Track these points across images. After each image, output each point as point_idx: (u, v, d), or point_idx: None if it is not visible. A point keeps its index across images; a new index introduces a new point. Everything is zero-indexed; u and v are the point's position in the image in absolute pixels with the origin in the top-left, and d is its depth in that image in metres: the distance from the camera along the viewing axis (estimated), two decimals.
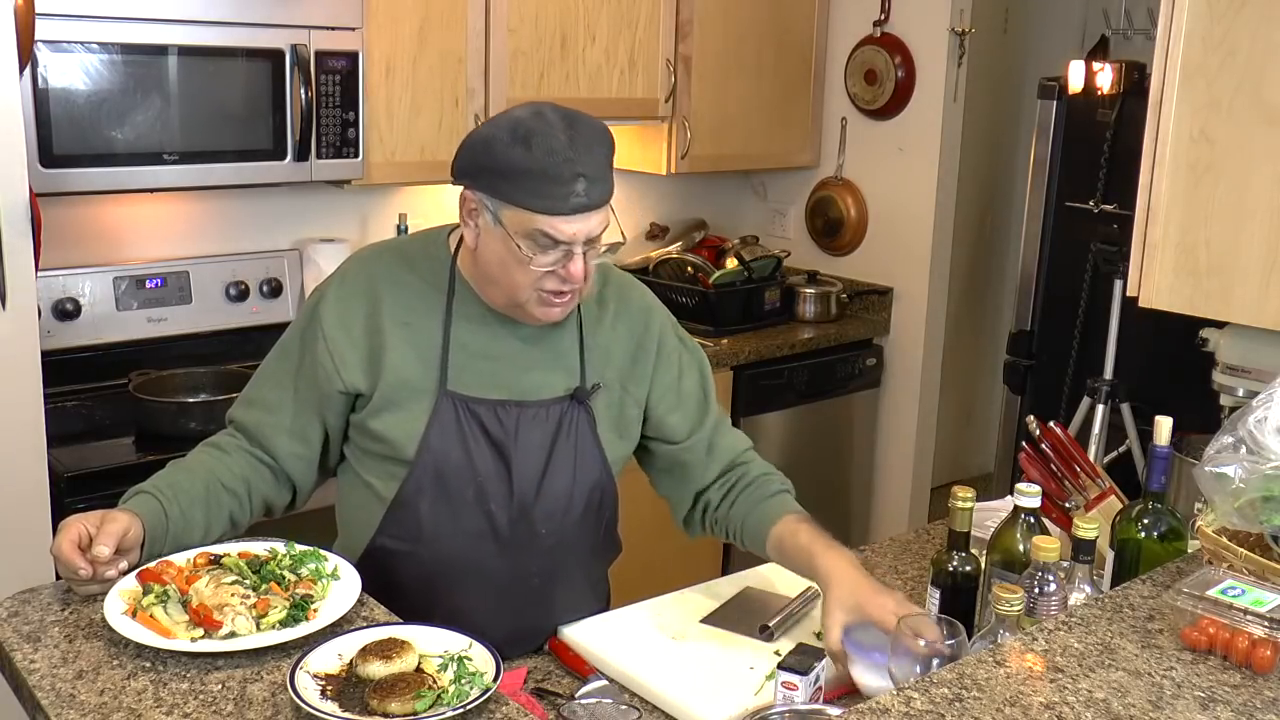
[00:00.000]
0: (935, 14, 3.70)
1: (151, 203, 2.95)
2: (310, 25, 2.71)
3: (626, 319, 1.83)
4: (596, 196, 1.59)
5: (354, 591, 1.53)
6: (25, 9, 2.14)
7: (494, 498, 1.73)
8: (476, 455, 1.72)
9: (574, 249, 1.60)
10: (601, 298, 1.82)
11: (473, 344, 1.73)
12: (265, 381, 1.80)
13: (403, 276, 1.75)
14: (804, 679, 1.43)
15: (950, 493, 1.63)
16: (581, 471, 1.77)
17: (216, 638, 1.42)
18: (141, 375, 2.76)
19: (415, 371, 1.71)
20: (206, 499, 1.68)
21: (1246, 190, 2.02)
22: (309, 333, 1.75)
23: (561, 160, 1.56)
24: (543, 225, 1.58)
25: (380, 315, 1.72)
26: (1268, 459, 1.51)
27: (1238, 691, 1.31)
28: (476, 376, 1.73)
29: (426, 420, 1.70)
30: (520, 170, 1.56)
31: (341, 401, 1.74)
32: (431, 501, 1.72)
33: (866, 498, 4.06)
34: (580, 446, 1.77)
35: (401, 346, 1.71)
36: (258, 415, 1.77)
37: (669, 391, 1.84)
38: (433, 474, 1.71)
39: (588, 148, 1.58)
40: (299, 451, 1.76)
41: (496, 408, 1.73)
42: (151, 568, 1.55)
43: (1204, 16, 2.03)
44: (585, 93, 3.34)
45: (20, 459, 2.16)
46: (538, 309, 1.67)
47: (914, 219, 3.84)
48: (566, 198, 1.56)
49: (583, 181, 1.57)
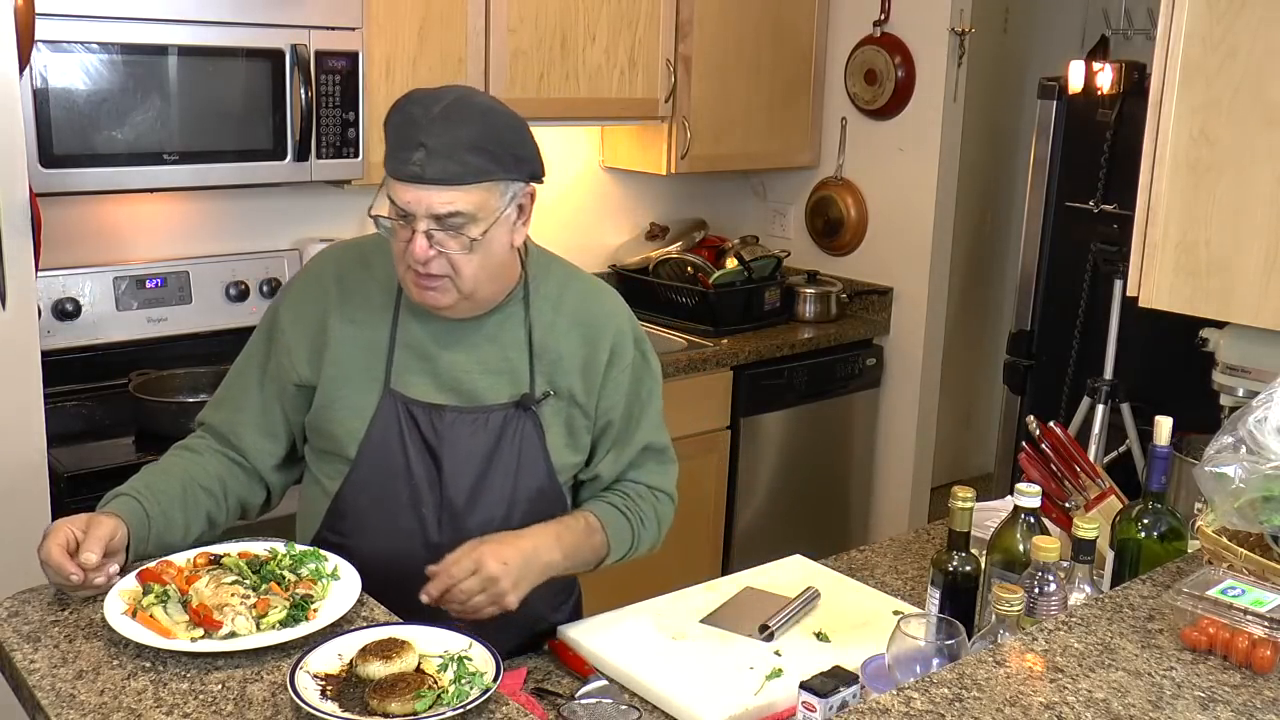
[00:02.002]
0: (935, 14, 3.70)
1: (151, 203, 2.95)
2: (310, 25, 2.71)
3: (582, 323, 1.80)
4: (435, 171, 1.56)
5: (354, 591, 1.53)
6: (25, 9, 2.14)
7: (425, 501, 1.74)
8: (413, 457, 1.73)
9: (416, 226, 1.59)
10: (559, 300, 1.80)
11: (419, 344, 1.74)
12: (232, 383, 1.82)
13: (357, 275, 1.78)
14: (823, 702, 1.39)
15: (950, 493, 1.63)
16: (524, 480, 1.76)
17: (216, 638, 1.42)
18: (141, 375, 2.76)
19: (359, 369, 1.73)
20: (184, 498, 1.68)
21: (1246, 190, 2.02)
22: (271, 330, 1.79)
23: (411, 126, 1.58)
24: (389, 188, 1.61)
25: (330, 313, 1.75)
26: (1268, 459, 1.51)
27: (1238, 691, 1.31)
28: (420, 377, 1.74)
29: (370, 419, 1.72)
30: (387, 132, 1.63)
31: (299, 395, 1.76)
32: (370, 500, 1.74)
33: (866, 498, 4.06)
34: (524, 455, 1.75)
35: (347, 344, 1.74)
36: (226, 415, 1.79)
37: (611, 415, 1.81)
38: (371, 473, 1.73)
39: (445, 123, 1.58)
40: (269, 448, 1.78)
41: (432, 412, 1.73)
42: (151, 568, 1.55)
43: (1204, 16, 2.03)
44: (585, 93, 3.34)
45: (20, 459, 2.16)
46: (415, 292, 1.67)
47: (914, 219, 3.84)
48: (405, 162, 1.58)
49: (422, 151, 1.56)
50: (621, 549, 1.82)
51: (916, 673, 1.39)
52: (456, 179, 1.58)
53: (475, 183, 1.59)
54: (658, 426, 1.88)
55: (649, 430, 1.86)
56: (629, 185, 3.96)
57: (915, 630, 1.44)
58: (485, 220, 1.62)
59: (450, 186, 1.58)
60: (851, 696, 1.41)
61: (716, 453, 3.53)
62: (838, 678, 1.43)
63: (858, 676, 1.44)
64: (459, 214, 1.59)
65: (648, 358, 1.86)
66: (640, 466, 1.87)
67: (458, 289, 1.65)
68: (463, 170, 1.58)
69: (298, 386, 1.76)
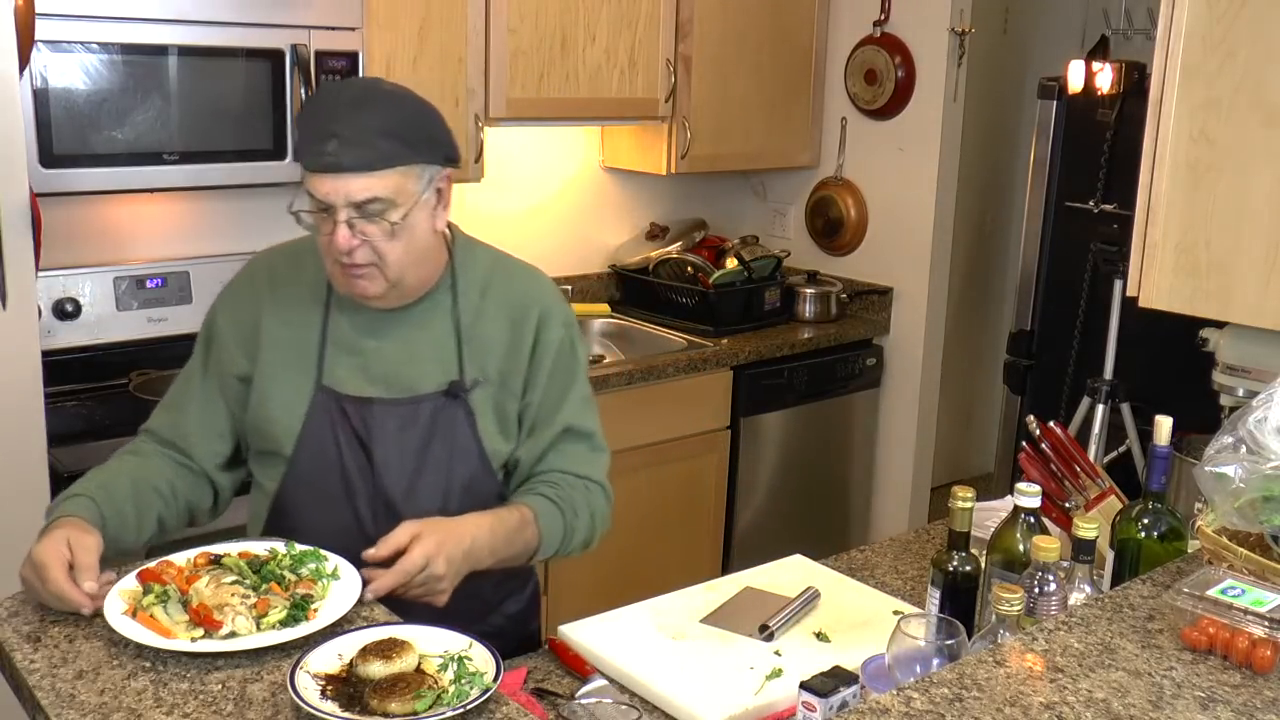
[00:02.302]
0: (935, 14, 3.70)
1: (151, 203, 2.95)
2: (310, 25, 2.71)
3: (507, 308, 1.80)
4: (349, 159, 1.58)
5: (354, 591, 1.53)
6: (25, 9, 2.14)
7: (360, 494, 1.75)
8: (347, 452, 1.74)
9: (336, 216, 1.61)
10: (485, 286, 1.80)
11: (349, 339, 1.76)
12: (175, 389, 1.84)
13: (289, 274, 1.80)
14: (823, 702, 1.39)
15: (950, 493, 1.63)
16: (458, 469, 1.76)
17: (217, 638, 1.42)
18: (141, 375, 2.76)
19: (292, 366, 1.75)
20: (135, 498, 1.68)
21: (1246, 190, 2.02)
22: (209, 333, 1.82)
23: (321, 117, 1.60)
24: (306, 182, 1.62)
25: (262, 313, 1.77)
26: (1268, 459, 1.51)
27: (1238, 691, 1.31)
28: (350, 371, 1.75)
29: (303, 416, 1.74)
30: (298, 125, 1.65)
31: (241, 389, 1.78)
32: (307, 497, 1.75)
33: (866, 498, 4.06)
34: (457, 444, 1.76)
35: (279, 340, 1.76)
36: (170, 418, 1.80)
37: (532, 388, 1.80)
38: (307, 470, 1.75)
39: (355, 111, 1.60)
40: (215, 448, 1.79)
41: (363, 406, 1.74)
42: (151, 567, 1.55)
43: (1204, 16, 2.03)
44: (585, 92, 3.34)
45: (20, 459, 2.16)
46: (343, 283, 1.68)
47: (914, 219, 3.84)
48: (319, 155, 1.58)
49: (335, 141, 1.57)
50: (554, 542, 1.79)
51: (916, 673, 1.39)
52: (370, 165, 1.59)
53: (389, 167, 1.61)
54: (582, 411, 1.85)
55: (571, 413, 1.83)
56: (629, 185, 3.96)
57: (915, 630, 1.44)
58: (404, 205, 1.63)
59: (365, 173, 1.59)
60: (851, 696, 1.41)
61: (716, 453, 3.53)
62: (838, 678, 1.43)
63: (858, 676, 1.44)
64: (377, 199, 1.61)
65: (574, 341, 1.85)
66: (565, 452, 1.83)
67: (384, 276, 1.67)
68: (376, 156, 1.60)
69: (239, 380, 1.78)
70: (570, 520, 1.79)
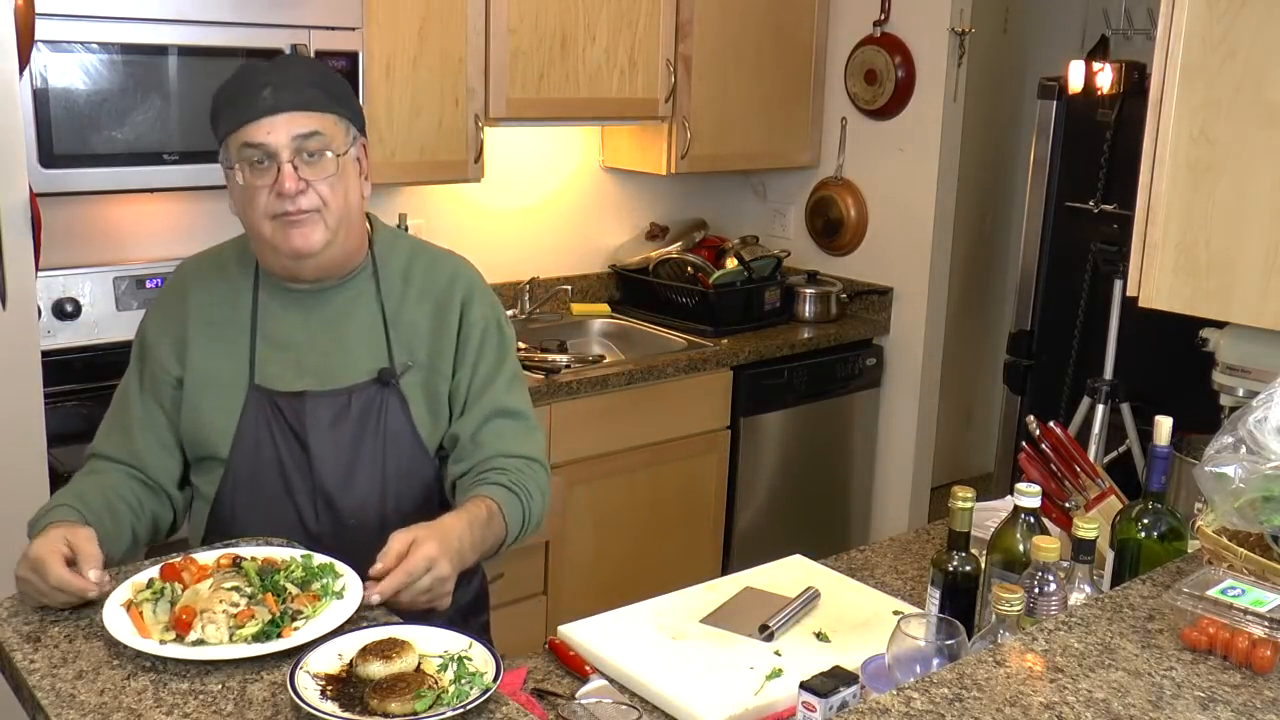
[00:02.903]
0: (935, 14, 3.70)
1: (151, 203, 2.95)
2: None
3: (431, 293, 1.82)
4: (286, 100, 1.65)
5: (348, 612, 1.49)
6: (25, 9, 2.14)
7: (299, 490, 1.75)
8: (283, 448, 1.75)
9: (280, 158, 1.64)
10: (407, 273, 1.83)
11: (277, 334, 1.77)
12: (115, 410, 1.83)
13: (212, 278, 1.82)
14: (823, 702, 1.39)
15: (950, 493, 1.63)
16: (393, 458, 1.77)
17: (185, 643, 1.41)
18: None
19: (223, 368, 1.76)
20: (109, 508, 1.68)
21: (1246, 190, 2.02)
22: (140, 348, 1.82)
23: (248, 77, 1.69)
24: (243, 136, 1.65)
25: (188, 319, 1.78)
26: (1268, 459, 1.51)
27: (1238, 691, 1.31)
28: (282, 367, 1.76)
29: (238, 418, 1.74)
30: (221, 101, 1.70)
31: (175, 398, 1.78)
32: (245, 498, 1.76)
33: (866, 498, 4.06)
34: (390, 431, 1.77)
35: (208, 345, 1.77)
36: (118, 439, 1.79)
37: (461, 364, 1.81)
38: (245, 471, 1.75)
39: (283, 67, 1.71)
40: (168, 463, 1.79)
41: (295, 400, 1.75)
42: (175, 563, 1.55)
43: (1204, 16, 2.03)
44: (585, 92, 3.34)
45: (20, 459, 2.16)
46: (283, 238, 1.69)
47: (914, 219, 3.84)
48: (254, 103, 1.65)
49: (270, 89, 1.65)
50: (515, 529, 1.77)
51: (916, 673, 1.39)
52: (307, 105, 1.67)
53: (322, 111, 1.68)
54: (511, 391, 1.85)
55: (502, 392, 1.83)
56: (629, 185, 3.96)
57: (915, 630, 1.44)
58: (339, 149, 1.69)
59: (303, 111, 1.66)
60: (851, 696, 1.41)
61: (716, 453, 3.53)
62: (838, 678, 1.43)
63: (858, 676, 1.44)
64: (317, 133, 1.67)
65: (500, 322, 1.86)
66: (502, 433, 1.81)
67: (325, 223, 1.69)
68: (310, 98, 1.68)
69: (174, 387, 1.78)
70: (527, 503, 1.78)
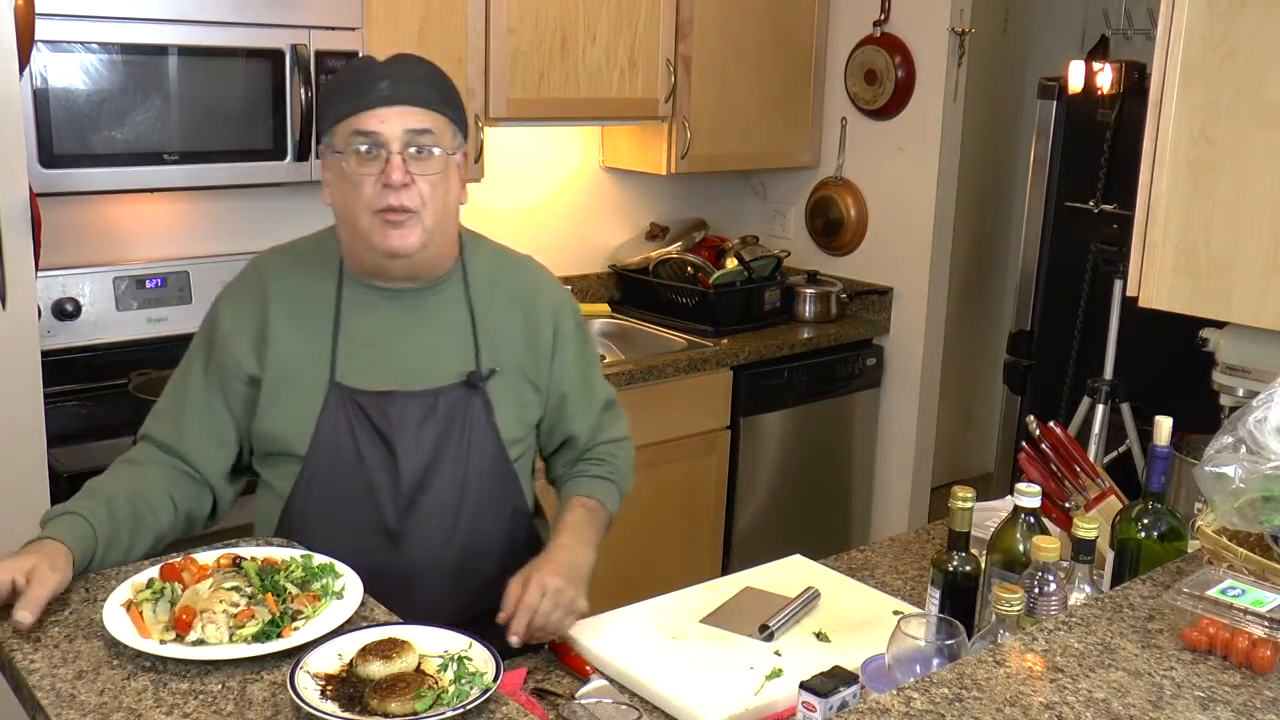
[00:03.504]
0: (935, 14, 3.70)
1: (151, 203, 2.95)
2: (310, 25, 2.71)
3: (520, 299, 1.85)
4: (403, 92, 1.67)
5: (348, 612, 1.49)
6: (25, 9, 2.14)
7: (382, 490, 1.75)
8: (365, 447, 1.74)
9: (391, 149, 1.65)
10: (493, 277, 1.84)
11: (362, 333, 1.76)
12: (173, 393, 1.81)
13: (293, 273, 1.80)
14: (823, 702, 1.39)
15: (950, 493, 1.63)
16: (475, 459, 1.78)
17: (185, 643, 1.41)
18: (141, 375, 2.76)
19: (304, 365, 1.75)
20: (133, 519, 1.65)
21: (1246, 190, 2.02)
22: (210, 333, 1.80)
23: (366, 68, 1.73)
24: (356, 124, 1.66)
25: (269, 311, 1.76)
26: (1268, 459, 1.51)
27: (1238, 691, 1.31)
28: (365, 366, 1.75)
29: (317, 415, 1.73)
30: (333, 89, 1.73)
31: (248, 393, 1.77)
32: (324, 496, 1.75)
33: (866, 498, 4.06)
34: (474, 433, 1.77)
35: (289, 340, 1.75)
36: (170, 424, 1.78)
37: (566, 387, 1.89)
38: (324, 468, 1.74)
39: (400, 64, 1.74)
40: (217, 455, 1.78)
41: (381, 399, 1.74)
42: (175, 563, 1.55)
43: (1204, 16, 2.03)
44: (585, 92, 3.34)
45: (20, 459, 2.15)
46: (380, 236, 1.69)
47: (914, 219, 3.84)
48: (370, 93, 1.67)
49: (387, 81, 1.68)
50: (615, 508, 1.94)
51: (916, 673, 1.39)
52: (423, 101, 1.69)
53: (435, 110, 1.71)
54: (604, 382, 2.00)
55: (601, 387, 1.97)
56: (629, 185, 3.96)
57: (915, 630, 1.44)
58: (445, 149, 1.71)
59: (418, 107, 1.68)
60: (851, 696, 1.41)
61: (716, 453, 3.53)
62: (838, 678, 1.43)
63: (858, 676, 1.44)
64: (429, 131, 1.68)
65: (581, 324, 1.95)
66: (603, 425, 1.97)
67: (423, 225, 1.70)
68: (425, 95, 1.70)
69: (246, 383, 1.76)
70: (620, 483, 1.96)
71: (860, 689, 1.42)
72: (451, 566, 1.79)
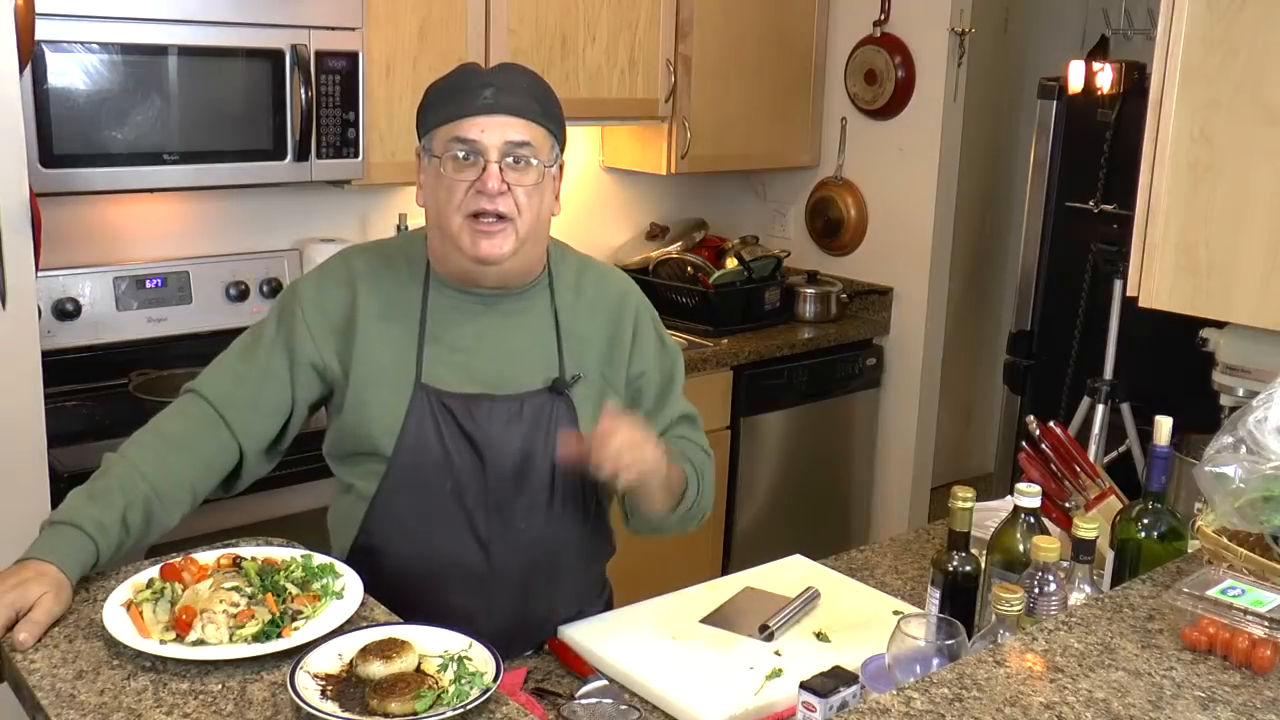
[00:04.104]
0: (935, 14, 3.70)
1: (151, 203, 2.95)
2: (310, 25, 2.71)
3: (603, 306, 1.85)
4: (505, 102, 1.66)
5: (347, 614, 1.50)
6: (25, 9, 2.14)
7: (470, 493, 1.74)
8: (453, 450, 1.73)
9: (488, 157, 1.65)
10: (579, 286, 1.84)
11: (448, 337, 1.75)
12: (237, 355, 1.78)
13: (380, 273, 1.78)
14: (823, 702, 1.39)
15: (950, 493, 1.63)
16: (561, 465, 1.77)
17: (186, 643, 1.41)
18: (141, 375, 2.76)
19: (390, 365, 1.73)
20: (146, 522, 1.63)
21: (1246, 190, 2.02)
22: (287, 310, 1.77)
23: (471, 75, 1.71)
24: (455, 130, 1.66)
25: (356, 307, 1.75)
26: (1268, 459, 1.51)
27: (1238, 691, 1.31)
28: (452, 370, 1.74)
29: (404, 415, 1.72)
30: (437, 92, 1.71)
31: (312, 377, 1.75)
32: (410, 497, 1.73)
33: (866, 498, 4.06)
34: (558, 438, 1.76)
35: (375, 340, 1.74)
36: (227, 387, 1.74)
37: (641, 383, 1.87)
38: (410, 469, 1.73)
39: (506, 72, 1.73)
40: (260, 427, 1.75)
41: (469, 402, 1.73)
42: (175, 563, 1.55)
43: (1204, 17, 2.03)
44: (585, 93, 3.34)
45: (20, 459, 2.15)
46: (471, 242, 1.68)
47: (914, 219, 3.84)
48: (474, 100, 1.66)
49: (491, 89, 1.67)
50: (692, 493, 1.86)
51: (916, 673, 1.39)
52: (525, 113, 1.68)
53: (537, 122, 1.69)
54: (686, 400, 1.97)
55: (679, 401, 1.94)
56: (629, 185, 3.96)
57: (915, 630, 1.44)
58: (542, 162, 1.70)
59: (520, 118, 1.67)
60: (851, 696, 1.41)
61: (716, 453, 3.50)
62: (838, 678, 1.43)
63: (858, 676, 1.44)
64: (528, 143, 1.67)
65: (665, 339, 1.94)
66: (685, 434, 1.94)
67: (515, 233, 1.69)
68: (528, 107, 1.69)
69: (315, 369, 1.74)
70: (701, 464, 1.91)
71: (860, 689, 1.42)
72: (537, 566, 1.78)
